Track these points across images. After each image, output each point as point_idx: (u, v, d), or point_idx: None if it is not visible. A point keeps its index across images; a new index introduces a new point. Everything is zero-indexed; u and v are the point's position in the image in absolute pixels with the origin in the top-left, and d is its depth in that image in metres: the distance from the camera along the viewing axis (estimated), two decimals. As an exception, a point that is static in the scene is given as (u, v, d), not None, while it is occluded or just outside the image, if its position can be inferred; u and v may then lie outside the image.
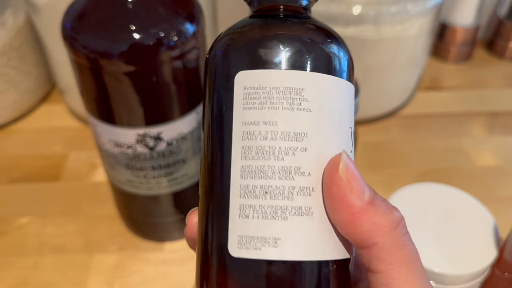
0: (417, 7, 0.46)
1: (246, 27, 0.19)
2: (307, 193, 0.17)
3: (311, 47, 0.18)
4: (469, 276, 0.30)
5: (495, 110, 0.57)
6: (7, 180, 0.48)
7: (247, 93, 0.17)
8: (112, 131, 0.32)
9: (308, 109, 0.17)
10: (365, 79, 0.48)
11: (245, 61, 0.17)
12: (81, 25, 0.29)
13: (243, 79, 0.17)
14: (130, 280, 0.39)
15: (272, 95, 0.17)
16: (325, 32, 0.19)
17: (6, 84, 0.53)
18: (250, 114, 0.17)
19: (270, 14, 0.19)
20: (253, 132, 0.17)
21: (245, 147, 0.17)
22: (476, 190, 0.40)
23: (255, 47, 0.17)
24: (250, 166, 0.17)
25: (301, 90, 0.17)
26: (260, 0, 0.20)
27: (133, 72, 0.29)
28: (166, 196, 0.37)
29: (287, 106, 0.17)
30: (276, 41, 0.17)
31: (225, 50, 0.18)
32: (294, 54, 0.17)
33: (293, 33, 0.18)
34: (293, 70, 0.17)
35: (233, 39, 0.18)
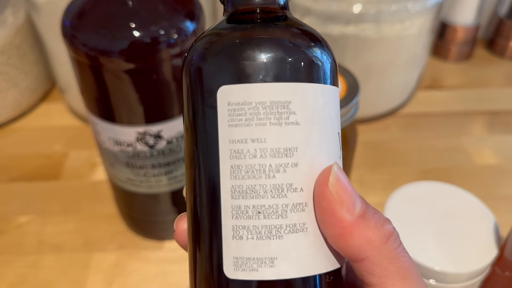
0: (417, 5, 0.46)
1: (225, 34, 0.18)
2: (301, 209, 0.16)
3: (295, 56, 0.17)
4: (470, 275, 0.30)
5: (495, 109, 0.57)
6: (7, 179, 0.48)
7: (231, 109, 0.16)
8: (112, 129, 0.32)
9: (297, 122, 0.16)
10: (365, 78, 0.48)
11: (227, 74, 0.16)
12: (81, 23, 0.29)
13: (226, 94, 0.16)
14: (129, 279, 0.39)
15: (259, 111, 0.16)
16: (307, 36, 0.18)
17: (6, 82, 0.52)
18: (236, 132, 0.16)
19: (247, 18, 0.18)
20: (241, 150, 0.16)
21: (234, 166, 0.16)
22: (476, 189, 0.40)
23: (236, 59, 0.16)
24: (241, 186, 0.16)
25: (288, 103, 0.16)
26: (234, 4, 0.18)
27: (133, 70, 0.29)
28: (166, 194, 0.37)
29: (275, 121, 0.16)
30: (258, 51, 0.16)
31: (204, 60, 0.17)
32: (279, 65, 0.16)
33: (276, 41, 0.17)
34: (278, 83, 0.16)
35: (213, 48, 0.17)
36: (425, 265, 0.29)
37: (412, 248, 0.30)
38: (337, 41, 0.47)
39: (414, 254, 0.30)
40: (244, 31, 0.17)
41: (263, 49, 0.16)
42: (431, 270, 0.29)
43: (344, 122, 0.34)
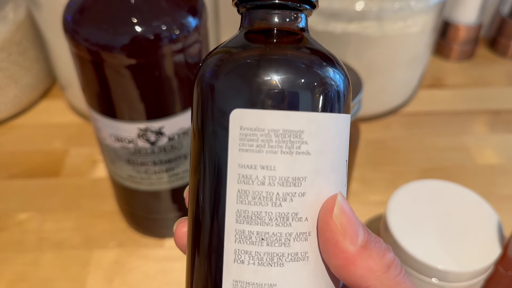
0: (420, 3, 0.46)
1: (241, 53, 0.17)
2: (304, 238, 0.16)
3: (312, 85, 0.16)
4: (473, 274, 0.29)
5: (497, 108, 0.57)
6: (7, 176, 0.48)
7: (243, 133, 0.16)
8: (113, 126, 0.32)
9: (308, 152, 0.16)
10: (367, 76, 0.48)
11: (242, 97, 0.16)
12: (82, 17, 0.29)
13: (239, 118, 0.16)
14: (130, 276, 0.39)
15: (271, 138, 0.16)
16: (326, 62, 0.17)
17: (6, 79, 0.52)
18: (246, 157, 0.16)
19: (265, 36, 0.18)
20: (250, 176, 0.16)
21: (241, 191, 0.16)
22: (478, 188, 0.39)
23: (252, 83, 0.16)
24: (246, 211, 0.16)
25: (301, 133, 0.16)
26: (252, 21, 0.18)
27: (134, 66, 0.29)
28: (167, 191, 0.37)
29: (286, 150, 0.16)
30: (276, 78, 0.16)
31: (218, 79, 0.17)
32: (295, 93, 0.16)
33: (293, 69, 0.16)
34: (293, 112, 0.16)
35: (228, 67, 0.17)
36: (427, 263, 0.29)
37: (415, 247, 0.30)
38: (339, 39, 0.47)
39: (416, 253, 0.30)
40: (262, 54, 0.17)
41: (280, 76, 0.16)
42: (433, 268, 0.29)
43: (346, 120, 0.34)
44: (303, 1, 0.17)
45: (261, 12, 0.18)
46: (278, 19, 0.18)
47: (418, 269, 0.30)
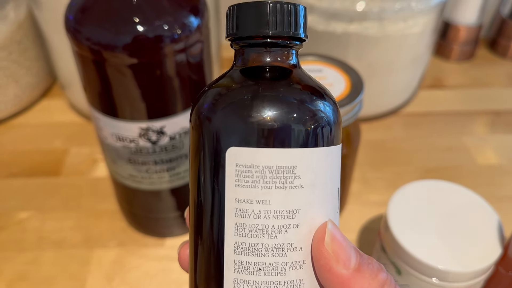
0: (421, 4, 0.46)
1: (236, 92, 0.18)
2: (299, 267, 0.17)
3: (304, 122, 0.17)
4: (473, 274, 0.30)
5: (497, 109, 0.57)
6: (7, 175, 0.48)
7: (239, 170, 0.17)
8: (114, 125, 0.32)
9: (300, 186, 0.17)
10: (368, 76, 0.48)
11: (237, 136, 0.17)
12: (84, 17, 0.29)
13: (235, 155, 0.17)
14: (130, 275, 0.39)
15: (265, 174, 0.17)
16: (317, 98, 0.18)
17: (6, 78, 0.52)
18: (243, 192, 0.17)
19: (258, 75, 0.18)
20: (246, 210, 0.17)
21: (238, 224, 0.17)
22: (478, 188, 0.39)
23: (247, 123, 0.17)
24: (244, 243, 0.17)
25: (293, 168, 0.17)
26: (245, 61, 0.19)
27: (136, 65, 0.29)
28: (167, 191, 0.37)
29: (280, 185, 0.17)
30: (269, 117, 0.17)
31: (214, 119, 0.17)
32: (287, 131, 0.17)
33: (285, 108, 0.17)
34: (286, 149, 0.17)
35: (224, 108, 0.17)
36: (428, 263, 0.29)
37: (415, 247, 0.30)
38: (340, 39, 0.47)
39: (417, 253, 0.30)
40: (255, 93, 0.17)
41: (273, 115, 0.17)
42: (434, 268, 0.29)
43: (347, 120, 0.34)
44: (293, 38, 0.18)
45: (254, 50, 0.18)
46: (270, 57, 0.18)
47: (419, 269, 0.30)
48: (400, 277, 0.32)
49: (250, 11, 0.18)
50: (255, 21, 0.18)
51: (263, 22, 0.18)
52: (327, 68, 0.37)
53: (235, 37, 0.18)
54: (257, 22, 0.18)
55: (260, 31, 0.18)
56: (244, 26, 0.18)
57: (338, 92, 0.34)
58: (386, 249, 0.32)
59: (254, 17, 0.18)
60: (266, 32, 0.18)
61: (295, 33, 0.18)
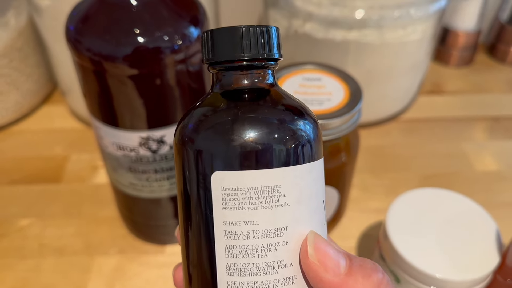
0: (419, 11, 0.46)
1: (215, 117, 0.18)
2: (291, 282, 0.18)
3: (284, 142, 0.17)
4: (471, 282, 0.30)
5: (497, 114, 0.57)
6: (8, 181, 0.48)
7: (225, 193, 0.17)
8: (115, 134, 0.32)
9: (286, 204, 0.17)
10: (367, 83, 0.48)
11: (220, 160, 0.17)
12: (85, 28, 0.29)
13: (220, 179, 0.17)
14: (130, 283, 0.39)
15: (251, 196, 0.17)
16: (295, 115, 0.18)
17: (7, 85, 0.52)
18: (230, 215, 0.17)
19: (236, 97, 0.19)
20: (235, 232, 0.17)
21: (228, 246, 0.17)
22: (477, 195, 0.40)
23: (229, 147, 0.17)
24: (235, 264, 0.17)
25: (278, 187, 0.17)
26: (223, 86, 0.19)
27: (137, 75, 0.29)
28: (167, 199, 0.37)
29: (266, 204, 0.17)
30: (250, 140, 0.17)
31: (197, 144, 0.18)
32: (269, 152, 0.17)
33: (265, 129, 0.17)
34: (269, 169, 0.17)
35: (204, 132, 0.18)
36: (426, 272, 0.29)
37: (414, 255, 0.30)
38: (339, 47, 0.47)
39: (415, 261, 0.30)
40: (235, 117, 0.18)
41: (255, 138, 0.17)
42: (432, 277, 0.30)
43: (347, 128, 0.34)
44: (267, 59, 0.19)
45: (231, 73, 0.19)
46: (247, 79, 0.19)
47: (417, 277, 0.30)
48: (399, 286, 0.32)
49: (224, 36, 0.18)
50: (230, 46, 0.18)
51: (238, 46, 0.18)
52: (326, 77, 0.37)
53: (212, 62, 0.19)
54: (232, 47, 0.18)
55: (235, 55, 0.18)
56: (220, 50, 0.19)
57: (337, 101, 0.35)
58: (385, 257, 0.32)
59: (229, 42, 0.18)
60: (241, 55, 0.18)
61: (269, 54, 0.19)
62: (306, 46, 0.49)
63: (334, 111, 0.34)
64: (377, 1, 0.45)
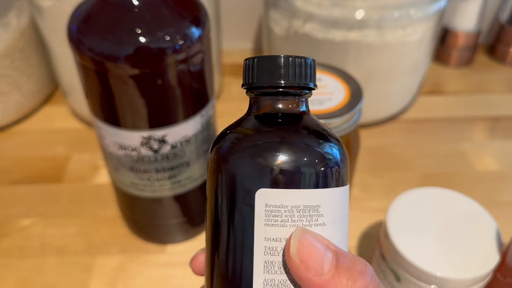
0: (419, 12, 0.46)
1: (259, 137, 0.19)
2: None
3: (326, 165, 0.19)
4: (471, 281, 0.30)
5: (496, 114, 0.57)
6: (10, 181, 0.48)
7: (269, 210, 0.18)
8: (116, 134, 0.32)
9: (323, 223, 0.18)
10: (367, 83, 0.48)
11: (266, 178, 0.18)
12: (87, 28, 0.29)
13: (264, 196, 0.18)
14: (132, 282, 0.39)
15: (293, 213, 0.18)
16: (332, 142, 0.20)
17: (9, 85, 0.53)
18: (272, 231, 0.18)
19: (275, 121, 0.20)
20: (275, 248, 0.18)
21: (267, 262, 0.18)
22: (477, 194, 0.40)
23: (275, 166, 0.18)
24: (273, 280, 0.18)
25: (318, 207, 0.18)
26: (260, 108, 0.20)
27: (138, 75, 0.29)
28: (169, 198, 0.37)
29: (306, 223, 0.18)
30: (296, 161, 0.18)
31: (242, 162, 0.19)
32: (312, 173, 0.18)
33: (309, 152, 0.19)
34: (311, 189, 0.18)
35: (250, 151, 0.19)
36: (426, 270, 0.30)
37: (414, 254, 0.30)
38: (339, 47, 0.48)
39: (416, 260, 0.30)
40: (281, 139, 0.19)
41: (301, 160, 0.18)
42: (432, 276, 0.30)
43: (347, 128, 0.34)
44: (302, 88, 0.20)
45: (267, 99, 0.20)
46: (282, 105, 0.20)
47: (418, 276, 0.30)
48: (399, 284, 0.32)
49: (265, 63, 0.20)
50: (269, 73, 0.20)
51: (276, 74, 0.19)
52: (326, 77, 0.37)
53: (251, 86, 0.20)
54: (271, 74, 0.20)
55: (273, 81, 0.20)
56: (260, 77, 0.20)
57: (337, 100, 0.35)
58: (385, 256, 0.33)
59: (269, 69, 0.20)
60: (279, 82, 0.19)
61: (305, 83, 0.20)
62: (306, 47, 0.49)
63: (334, 111, 0.34)
64: (377, 2, 0.45)
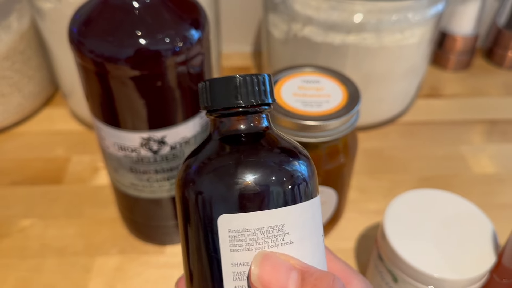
0: (417, 15, 0.47)
1: (218, 160, 0.19)
2: None
3: (286, 183, 0.18)
4: (468, 281, 0.30)
5: (494, 118, 0.58)
6: (10, 182, 0.49)
7: (232, 235, 0.18)
8: (116, 135, 0.32)
9: (291, 241, 0.18)
10: (365, 86, 0.49)
11: (226, 203, 0.18)
12: (88, 30, 0.30)
13: (227, 222, 0.18)
14: (131, 283, 0.39)
15: (257, 236, 0.18)
16: (292, 157, 0.19)
17: (9, 87, 0.53)
18: (238, 256, 0.18)
19: (236, 142, 0.20)
20: (243, 272, 0.18)
21: (238, 287, 0.18)
22: (474, 197, 0.40)
23: (234, 190, 0.18)
24: None
25: (282, 226, 0.18)
26: (221, 132, 0.20)
27: (138, 77, 0.29)
28: (168, 199, 0.37)
29: (272, 244, 0.18)
30: (254, 183, 0.18)
31: (202, 189, 0.18)
32: (272, 193, 0.18)
33: (267, 172, 0.18)
34: (273, 210, 0.18)
35: (210, 178, 0.19)
36: (424, 271, 0.30)
37: (412, 255, 0.31)
38: (338, 50, 0.48)
39: (413, 261, 0.30)
40: (238, 160, 0.18)
41: (258, 181, 0.18)
42: (429, 276, 0.30)
43: (345, 130, 0.35)
44: (261, 104, 0.20)
45: (228, 119, 0.20)
46: (243, 124, 0.20)
47: (415, 276, 0.31)
48: (396, 285, 0.32)
49: (221, 85, 0.20)
50: (226, 94, 0.19)
51: (234, 94, 0.19)
52: (324, 79, 0.38)
53: (210, 109, 0.20)
54: (229, 95, 0.19)
55: (231, 102, 0.19)
56: (218, 98, 0.20)
57: (335, 102, 0.35)
58: (382, 257, 0.33)
59: (226, 90, 0.19)
60: (238, 103, 0.19)
61: (263, 99, 0.20)
62: (305, 50, 0.50)
63: (332, 113, 0.34)
64: (375, 5, 0.45)
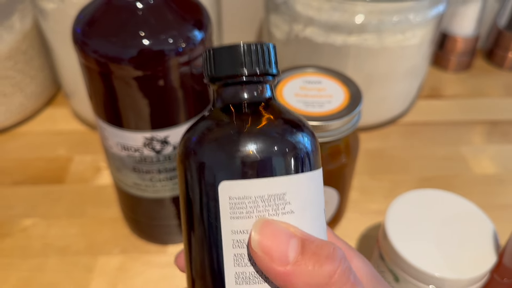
0: (418, 16, 0.47)
1: (221, 130, 0.19)
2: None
3: (287, 151, 0.18)
4: (469, 281, 0.30)
5: (494, 118, 0.58)
6: (12, 182, 0.49)
7: (233, 203, 0.18)
8: (119, 135, 0.33)
9: (292, 211, 0.18)
10: (366, 87, 0.49)
11: (227, 170, 0.18)
12: (91, 30, 0.30)
13: (227, 189, 0.18)
14: (133, 282, 0.39)
15: (258, 204, 0.18)
16: (295, 128, 0.19)
17: (12, 87, 0.53)
18: (238, 223, 0.18)
19: (238, 111, 0.19)
20: (243, 240, 0.18)
21: (237, 255, 0.18)
22: (475, 197, 0.40)
23: (236, 157, 0.18)
24: (244, 273, 0.18)
25: (283, 195, 0.18)
26: (224, 101, 0.20)
27: (141, 77, 0.30)
28: (170, 199, 0.37)
29: (273, 212, 0.18)
30: (256, 150, 0.18)
31: (204, 156, 0.18)
32: (274, 161, 0.18)
33: (269, 140, 0.18)
34: (275, 177, 0.18)
35: (212, 144, 0.18)
36: (425, 271, 0.30)
37: (413, 255, 0.31)
38: (339, 51, 0.48)
39: (414, 261, 0.30)
40: (240, 129, 0.18)
41: (260, 149, 0.18)
42: (431, 276, 0.30)
43: (347, 131, 0.35)
44: (265, 74, 0.19)
45: (231, 88, 0.20)
46: (247, 94, 0.20)
47: (416, 276, 0.31)
48: (398, 285, 0.32)
49: (225, 53, 0.19)
50: (231, 62, 0.19)
51: (238, 63, 0.19)
52: (326, 80, 0.38)
53: (213, 78, 0.20)
54: (233, 63, 0.19)
55: (236, 70, 0.19)
56: (221, 67, 0.19)
57: (337, 103, 0.35)
58: (384, 257, 0.33)
59: (230, 59, 0.19)
60: (242, 71, 0.19)
61: (268, 69, 0.19)
62: (307, 50, 0.50)
63: (334, 113, 0.34)
64: (376, 6, 0.45)
